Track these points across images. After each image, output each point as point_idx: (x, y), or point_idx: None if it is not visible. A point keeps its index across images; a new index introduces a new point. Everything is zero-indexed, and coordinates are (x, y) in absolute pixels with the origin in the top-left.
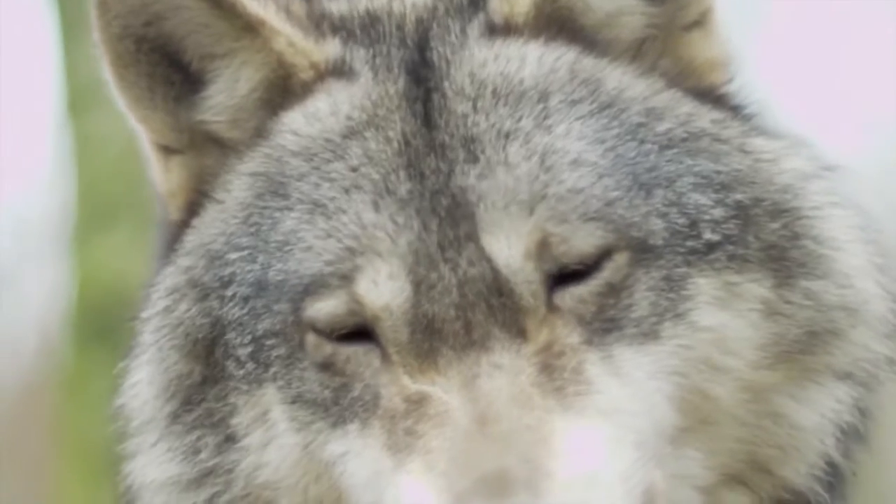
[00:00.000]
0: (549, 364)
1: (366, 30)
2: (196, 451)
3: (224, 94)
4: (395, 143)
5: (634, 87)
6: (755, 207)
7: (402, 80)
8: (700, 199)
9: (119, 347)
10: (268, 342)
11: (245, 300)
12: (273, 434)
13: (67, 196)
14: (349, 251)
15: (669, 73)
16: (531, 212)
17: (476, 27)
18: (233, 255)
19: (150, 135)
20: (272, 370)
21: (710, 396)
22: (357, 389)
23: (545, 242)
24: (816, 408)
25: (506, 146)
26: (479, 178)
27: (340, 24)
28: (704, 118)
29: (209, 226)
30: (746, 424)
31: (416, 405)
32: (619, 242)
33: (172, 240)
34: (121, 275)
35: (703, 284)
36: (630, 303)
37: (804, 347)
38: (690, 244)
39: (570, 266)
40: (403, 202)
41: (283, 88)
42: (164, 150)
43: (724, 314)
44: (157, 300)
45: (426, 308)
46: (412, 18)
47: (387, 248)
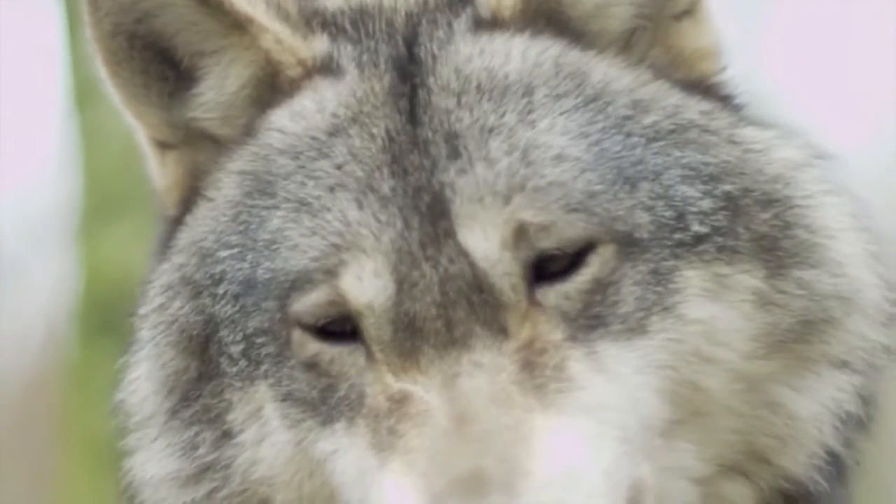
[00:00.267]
0: (531, 361)
1: (356, 26)
2: (194, 447)
3: (214, 92)
4: (380, 140)
5: (621, 80)
6: (745, 198)
7: (389, 77)
8: (688, 191)
9: (125, 341)
10: (258, 340)
11: (236, 298)
12: (267, 431)
13: (73, 189)
14: (334, 247)
15: (659, 64)
16: (507, 202)
17: (464, 22)
18: (223, 253)
19: (146, 130)
20: (263, 368)
21: (702, 388)
22: (343, 389)
23: (522, 230)
24: (814, 397)
25: (488, 141)
26: (459, 174)
27: (331, 21)
28: (693, 109)
29: (201, 223)
30: (742, 415)
31: (399, 404)
32: (603, 235)
33: (168, 236)
34: (127, 268)
35: (692, 277)
36: (617, 299)
37: (798, 337)
38: (678, 237)
39: (550, 251)
40: (386, 199)
41: (272, 86)
42: (161, 146)
43: (715, 306)
44: (154, 297)
45: (408, 306)
46: (402, 13)
47: (371, 245)
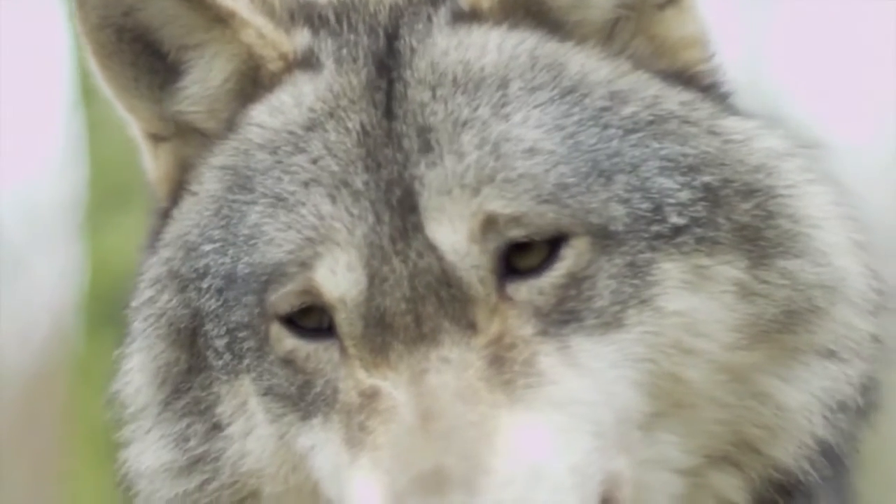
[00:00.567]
0: (500, 356)
1: (339, 19)
2: (186, 439)
3: (198, 85)
4: (355, 135)
5: (598, 71)
6: (725, 188)
7: (367, 71)
8: (665, 183)
9: (125, 333)
10: (240, 334)
11: (219, 292)
12: (253, 424)
13: (78, 182)
14: (308, 241)
15: (641, 54)
16: (476, 193)
17: (443, 14)
18: (207, 247)
19: (138, 123)
20: (245, 362)
21: (683, 380)
22: (319, 385)
23: (491, 222)
24: (802, 387)
25: (460, 135)
26: (429, 167)
27: (315, 15)
28: (672, 100)
29: (186, 217)
30: (728, 406)
31: (370, 400)
32: (577, 228)
33: (158, 228)
34: (132, 260)
35: (670, 269)
36: (592, 293)
37: (783, 327)
38: (655, 229)
39: (518, 239)
40: (359, 194)
41: (254, 80)
42: (153, 138)
43: (694, 297)
44: (144, 290)
45: (379, 301)
46: (387, 7)
47: (344, 239)
